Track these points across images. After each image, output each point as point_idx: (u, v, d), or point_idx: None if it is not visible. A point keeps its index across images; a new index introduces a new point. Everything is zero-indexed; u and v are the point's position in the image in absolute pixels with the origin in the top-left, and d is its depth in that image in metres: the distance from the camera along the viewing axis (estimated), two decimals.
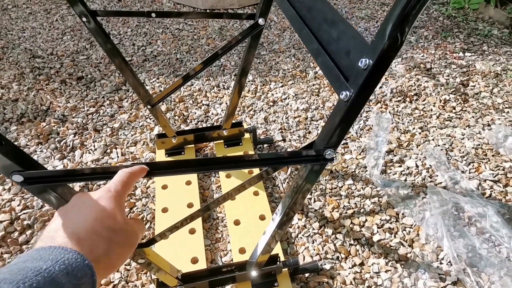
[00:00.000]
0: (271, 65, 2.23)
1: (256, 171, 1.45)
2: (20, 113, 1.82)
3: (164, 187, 1.41)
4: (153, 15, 1.15)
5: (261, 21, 1.19)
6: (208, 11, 2.89)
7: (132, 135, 1.70)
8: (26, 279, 0.24)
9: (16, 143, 1.64)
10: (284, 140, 1.68)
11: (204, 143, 1.62)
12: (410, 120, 1.80)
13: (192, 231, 1.26)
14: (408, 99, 1.94)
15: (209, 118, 1.82)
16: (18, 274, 0.25)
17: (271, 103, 1.91)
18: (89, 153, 1.60)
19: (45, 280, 0.25)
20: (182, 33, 2.57)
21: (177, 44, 2.44)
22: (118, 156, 1.59)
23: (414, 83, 2.05)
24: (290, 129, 1.74)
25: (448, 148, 1.62)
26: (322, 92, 1.99)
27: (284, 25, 2.70)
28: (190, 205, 1.35)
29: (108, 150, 1.62)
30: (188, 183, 1.43)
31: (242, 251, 1.20)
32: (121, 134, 1.71)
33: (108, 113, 1.83)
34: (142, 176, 0.52)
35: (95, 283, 0.30)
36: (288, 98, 1.94)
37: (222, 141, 1.57)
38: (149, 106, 1.33)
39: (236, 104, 1.45)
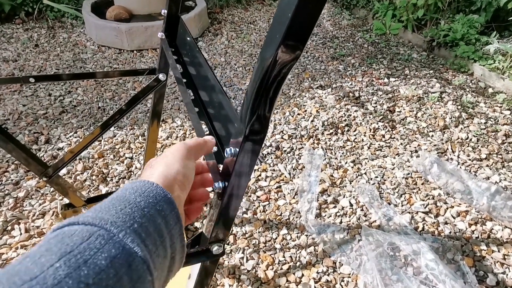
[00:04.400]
0: None
1: None
2: None
3: None
4: (32, 80, 1.00)
5: (161, 76, 1.10)
6: (135, 51, 2.77)
7: (40, 205, 1.49)
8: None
9: None
10: None
11: None
12: (343, 153, 1.78)
13: None
14: (339, 130, 1.94)
15: (132, 173, 1.66)
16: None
17: None
18: None
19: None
20: (108, 78, 2.40)
21: (99, 91, 2.27)
22: (21, 233, 1.37)
23: (344, 113, 2.06)
24: None
25: (380, 181, 1.61)
26: None
27: (215, 62, 2.65)
28: None
29: (9, 227, 1.39)
30: None
31: None
32: (26, 205, 1.48)
33: (12, 180, 1.60)
34: (208, 150, 0.49)
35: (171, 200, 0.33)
36: None
37: None
38: (45, 179, 1.16)
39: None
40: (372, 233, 1.33)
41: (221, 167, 0.57)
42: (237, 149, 0.49)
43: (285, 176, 1.63)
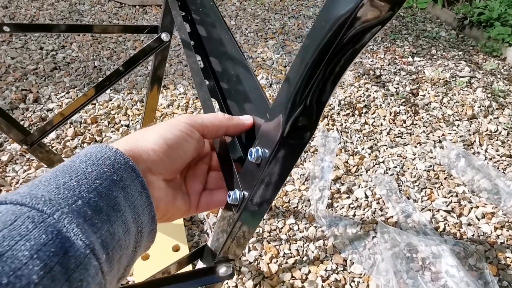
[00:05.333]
0: None
1: None
2: None
3: None
4: (6, 29, 0.82)
5: (164, 36, 0.92)
6: (137, 6, 2.53)
7: (24, 171, 1.35)
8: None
9: None
10: None
11: None
12: (359, 137, 1.62)
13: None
14: (357, 112, 1.77)
15: None
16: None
17: None
18: None
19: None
20: (104, 34, 2.19)
21: (96, 48, 2.06)
22: None
23: (363, 93, 1.88)
24: None
25: (399, 172, 1.46)
26: None
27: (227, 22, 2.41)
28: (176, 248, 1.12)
29: None
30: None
31: None
32: (9, 171, 1.35)
33: None
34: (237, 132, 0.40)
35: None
36: None
37: None
38: (25, 146, 1.01)
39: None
40: (389, 231, 1.20)
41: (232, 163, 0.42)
42: (267, 151, 0.33)
43: None
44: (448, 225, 1.28)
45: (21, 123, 1.55)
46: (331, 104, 1.79)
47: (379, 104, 1.82)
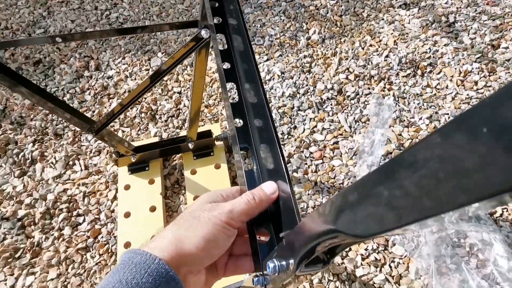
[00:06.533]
0: (255, 29, 1.86)
1: (224, 167, 1.30)
2: None
3: (127, 187, 1.33)
4: (58, 39, 0.87)
5: (204, 33, 0.89)
6: None
7: (95, 141, 1.52)
8: None
9: None
10: None
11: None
12: (419, 104, 1.49)
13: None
14: (419, 71, 1.59)
15: (180, 111, 1.59)
16: None
17: None
18: (50, 166, 1.46)
19: None
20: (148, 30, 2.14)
21: (146, 5, 2.05)
22: (81, 169, 1.45)
23: (429, 47, 1.66)
24: None
25: None
26: (314, 67, 1.67)
27: None
28: (152, 209, 1.28)
29: (71, 162, 1.47)
30: (151, 181, 1.33)
31: None
32: (83, 140, 1.53)
33: None
34: (265, 207, 0.45)
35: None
36: (273, 79, 1.64)
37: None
38: (91, 134, 1.13)
39: (198, 109, 1.22)
40: None
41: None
42: (284, 264, 0.36)
43: (345, 130, 1.45)
44: (507, 210, 1.20)
45: (88, 92, 1.69)
46: (390, 63, 1.63)
47: (447, 61, 1.61)
